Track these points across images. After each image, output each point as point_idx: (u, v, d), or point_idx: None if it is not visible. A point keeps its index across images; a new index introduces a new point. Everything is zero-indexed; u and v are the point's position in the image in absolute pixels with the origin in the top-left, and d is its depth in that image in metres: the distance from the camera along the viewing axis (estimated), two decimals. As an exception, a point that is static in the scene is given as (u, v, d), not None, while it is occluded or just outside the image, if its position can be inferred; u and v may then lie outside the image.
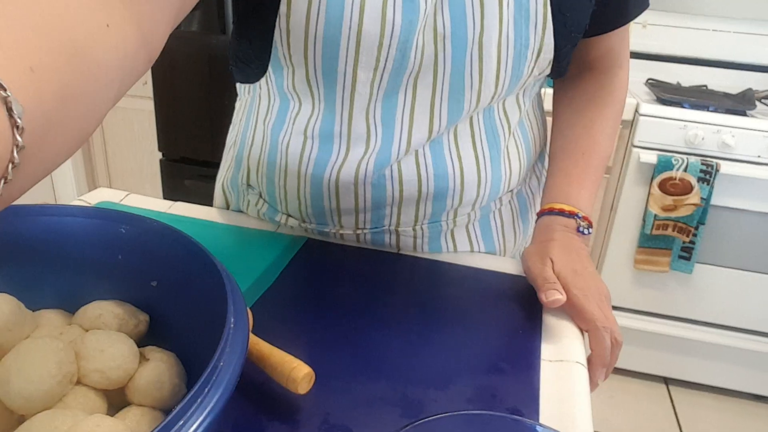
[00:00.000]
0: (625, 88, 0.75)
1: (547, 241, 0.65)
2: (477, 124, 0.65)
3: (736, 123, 1.67)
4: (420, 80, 0.61)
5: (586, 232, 0.66)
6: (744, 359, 1.91)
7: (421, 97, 0.61)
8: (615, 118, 0.73)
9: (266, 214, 0.75)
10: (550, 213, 0.68)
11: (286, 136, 0.67)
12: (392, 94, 0.61)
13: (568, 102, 0.75)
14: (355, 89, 0.61)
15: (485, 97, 0.62)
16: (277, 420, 0.45)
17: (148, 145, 2.29)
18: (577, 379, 0.53)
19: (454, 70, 0.60)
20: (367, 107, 0.62)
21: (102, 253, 0.45)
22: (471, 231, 0.72)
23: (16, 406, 0.35)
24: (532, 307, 0.62)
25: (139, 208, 0.76)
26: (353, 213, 0.68)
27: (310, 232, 0.73)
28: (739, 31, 2.06)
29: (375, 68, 0.59)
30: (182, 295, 0.43)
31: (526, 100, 0.68)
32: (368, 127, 0.63)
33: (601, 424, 1.85)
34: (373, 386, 0.50)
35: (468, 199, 0.68)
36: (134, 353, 0.40)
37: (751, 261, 1.80)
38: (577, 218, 0.66)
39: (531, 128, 0.72)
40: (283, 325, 0.57)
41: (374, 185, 0.65)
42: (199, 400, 0.30)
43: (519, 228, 0.77)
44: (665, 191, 1.72)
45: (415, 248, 0.73)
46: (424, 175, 0.65)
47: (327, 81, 0.61)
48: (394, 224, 0.69)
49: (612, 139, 0.73)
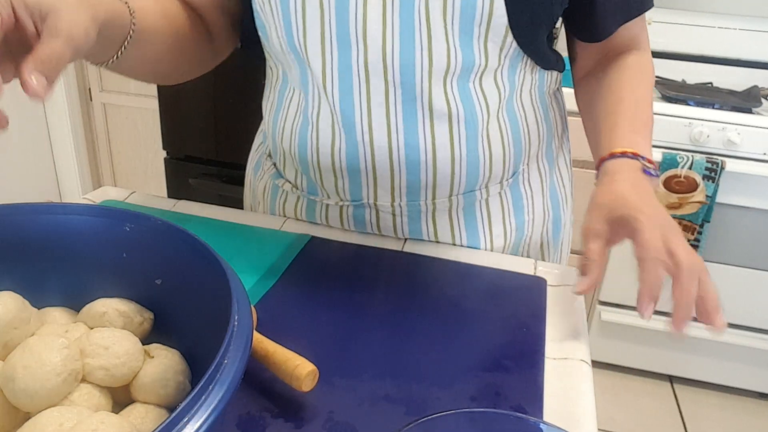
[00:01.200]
0: (652, 66, 0.73)
1: (612, 182, 0.60)
2: (453, 100, 0.64)
3: (742, 120, 1.66)
4: (369, 33, 0.61)
5: (652, 172, 0.61)
6: (749, 357, 1.90)
7: (372, 52, 0.62)
8: (651, 86, 0.71)
9: (273, 176, 0.80)
10: (611, 158, 0.63)
11: (289, 92, 0.71)
12: (345, 45, 0.62)
13: (597, 80, 0.73)
14: (305, 31, 0.62)
15: (438, 59, 0.61)
16: (281, 417, 0.46)
17: (152, 144, 2.29)
18: (581, 376, 0.53)
19: (403, 24, 0.60)
20: (322, 55, 0.63)
21: (107, 251, 0.46)
22: (454, 218, 0.72)
23: (22, 403, 0.35)
24: (537, 304, 0.62)
25: (143, 207, 0.76)
26: (332, 174, 0.70)
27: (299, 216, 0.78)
28: (744, 28, 2.05)
29: (320, 6, 0.60)
30: (186, 292, 0.43)
31: (505, 82, 0.67)
32: (324, 75, 0.64)
33: (605, 422, 1.84)
34: (377, 384, 0.50)
35: (442, 175, 0.67)
36: (139, 351, 0.40)
37: (757, 259, 1.79)
38: (641, 159, 0.62)
39: (524, 118, 0.70)
40: (287, 322, 0.57)
41: (347, 142, 0.66)
42: (203, 397, 0.30)
43: (511, 225, 0.75)
44: (670, 189, 1.71)
45: (395, 230, 0.73)
46: (395, 142, 0.65)
47: (285, 24, 0.63)
48: (371, 198, 0.71)
49: (651, 106, 0.70)
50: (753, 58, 2.07)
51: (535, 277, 0.68)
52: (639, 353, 1.98)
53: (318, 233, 0.73)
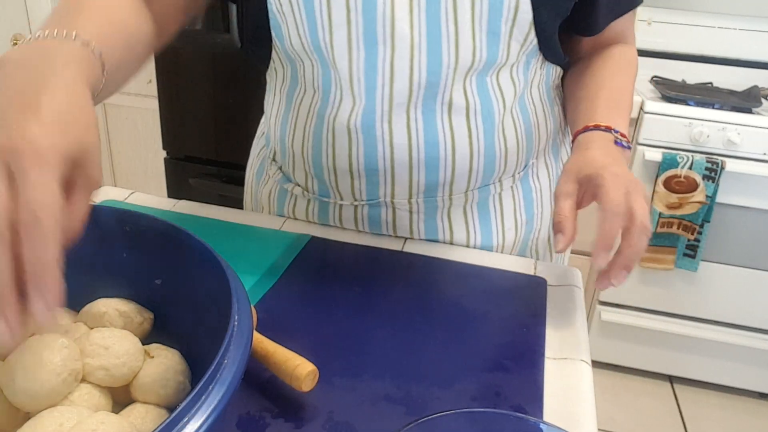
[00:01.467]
0: (636, 58, 0.76)
1: (585, 150, 0.63)
2: (471, 94, 0.65)
3: (742, 120, 1.66)
4: (396, 32, 0.61)
5: (624, 144, 0.64)
6: (749, 357, 1.90)
7: (399, 49, 0.62)
8: (633, 75, 0.74)
9: (280, 181, 0.79)
10: (585, 131, 0.66)
11: (299, 93, 0.70)
12: (371, 43, 0.62)
13: (581, 69, 0.76)
14: (332, 30, 0.62)
15: (464, 56, 0.62)
16: (281, 417, 0.46)
17: (152, 144, 2.29)
18: (581, 376, 0.53)
19: (430, 22, 0.61)
20: (349, 53, 0.63)
21: (107, 251, 0.46)
22: (468, 213, 0.73)
23: (21, 403, 0.35)
24: (537, 304, 0.62)
25: (143, 207, 0.76)
26: (348, 175, 0.70)
27: (311, 219, 0.76)
28: (744, 28, 2.05)
29: (347, 7, 0.60)
30: (186, 293, 0.43)
31: (521, 77, 0.68)
32: (351, 75, 0.64)
33: (605, 422, 1.84)
34: (377, 384, 0.50)
35: (461, 171, 0.68)
36: (139, 351, 0.40)
37: (756, 259, 1.79)
38: (614, 132, 0.64)
39: (534, 112, 0.72)
40: (287, 322, 0.57)
41: (365, 142, 0.66)
42: (203, 397, 0.30)
43: (522, 219, 0.76)
44: (670, 189, 1.71)
45: (411, 230, 0.73)
46: (415, 140, 0.65)
47: (309, 23, 0.62)
48: (389, 195, 0.70)
49: (632, 95, 0.73)
50: (753, 58, 2.07)
51: (535, 277, 0.68)
52: (639, 353, 1.98)
53: (318, 233, 0.73)
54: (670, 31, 2.09)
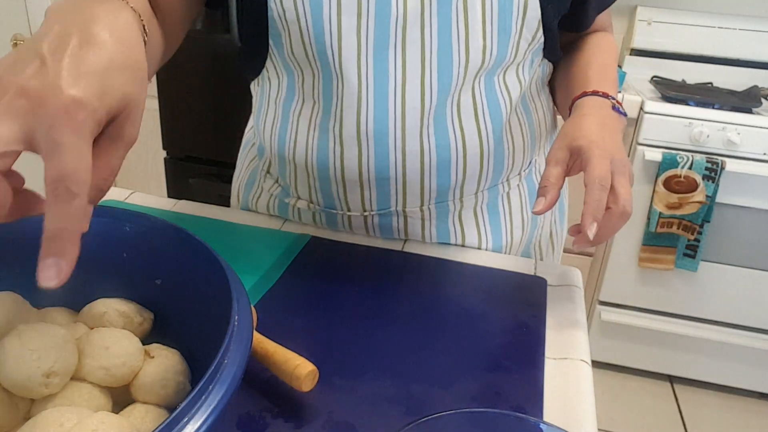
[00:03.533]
0: (615, 43, 0.79)
1: (582, 116, 0.63)
2: (479, 95, 0.65)
3: (742, 120, 1.66)
4: (408, 36, 0.61)
5: (621, 110, 0.65)
6: (749, 357, 1.90)
7: (411, 53, 0.62)
8: (615, 57, 0.76)
9: (279, 195, 0.77)
10: (583, 96, 0.66)
11: (297, 105, 0.68)
12: (382, 48, 0.62)
13: (567, 56, 0.77)
14: (341, 38, 0.61)
15: (475, 56, 0.62)
16: (281, 417, 0.46)
17: (152, 144, 2.29)
18: (581, 376, 0.53)
19: (441, 23, 0.61)
20: (358, 61, 0.62)
21: (106, 251, 0.46)
22: (479, 214, 0.73)
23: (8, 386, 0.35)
24: (537, 304, 0.62)
25: (143, 207, 0.76)
26: (358, 187, 0.68)
27: (318, 225, 0.75)
28: (744, 28, 2.05)
29: (358, 14, 0.60)
30: (186, 292, 0.43)
31: (525, 76, 0.68)
32: (360, 82, 0.63)
33: (605, 422, 1.84)
34: (377, 384, 0.50)
35: (471, 172, 0.68)
36: (139, 351, 0.40)
37: (756, 259, 1.79)
38: (611, 98, 0.65)
39: (536, 110, 0.73)
40: (287, 322, 0.57)
41: (377, 150, 0.65)
42: (203, 397, 0.30)
43: (527, 217, 0.76)
44: (670, 189, 1.71)
45: (423, 235, 0.73)
46: (427, 144, 0.65)
47: (316, 31, 0.61)
48: (400, 204, 0.70)
49: (616, 72, 0.74)
50: (753, 58, 2.07)
51: (535, 277, 0.68)
52: (639, 353, 1.98)
53: (318, 233, 0.73)
54: (670, 31, 2.09)
